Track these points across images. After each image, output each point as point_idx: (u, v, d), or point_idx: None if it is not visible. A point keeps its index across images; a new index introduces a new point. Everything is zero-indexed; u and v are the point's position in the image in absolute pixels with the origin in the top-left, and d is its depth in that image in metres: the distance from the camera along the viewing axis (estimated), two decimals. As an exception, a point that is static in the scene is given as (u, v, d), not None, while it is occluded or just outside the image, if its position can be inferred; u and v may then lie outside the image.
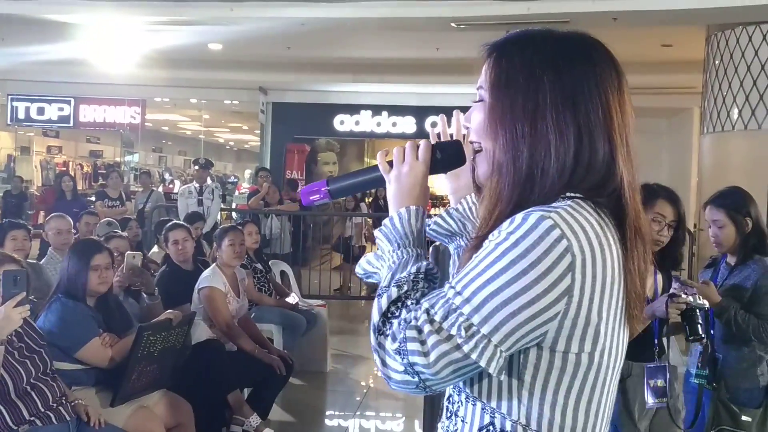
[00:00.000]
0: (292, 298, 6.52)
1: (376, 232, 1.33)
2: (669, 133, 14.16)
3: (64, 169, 17.52)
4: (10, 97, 14.12)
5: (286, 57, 11.74)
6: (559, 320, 1.14)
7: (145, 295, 4.35)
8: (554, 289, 1.12)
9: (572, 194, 1.22)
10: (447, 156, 1.37)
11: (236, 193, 17.78)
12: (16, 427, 3.00)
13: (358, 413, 5.80)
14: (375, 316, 1.20)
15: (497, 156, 1.26)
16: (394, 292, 1.21)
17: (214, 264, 5.03)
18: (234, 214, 12.31)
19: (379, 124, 14.15)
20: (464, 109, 1.40)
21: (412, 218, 1.30)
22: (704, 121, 7.96)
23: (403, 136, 14.43)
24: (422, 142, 1.35)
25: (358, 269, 1.44)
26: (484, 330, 1.12)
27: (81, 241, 4.21)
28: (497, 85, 1.27)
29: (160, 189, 11.77)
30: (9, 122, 14.33)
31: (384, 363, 1.17)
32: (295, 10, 8.11)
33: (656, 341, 3.12)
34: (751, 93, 7.19)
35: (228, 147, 29.59)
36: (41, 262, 5.28)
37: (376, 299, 1.22)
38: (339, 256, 12.84)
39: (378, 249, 1.34)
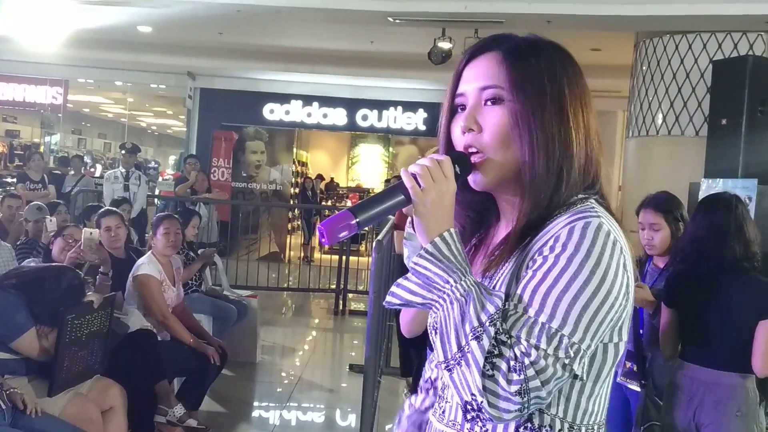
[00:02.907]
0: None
1: (418, 260, 1.23)
2: (592, 135, 14.54)
3: (-22, 148, 16.85)
4: None
5: (217, 43, 11.57)
6: (621, 315, 1.23)
7: (99, 274, 4.29)
8: (623, 289, 1.20)
9: (583, 195, 1.29)
10: (463, 170, 1.31)
11: (159, 179, 17.40)
12: (-50, 416, 2.91)
13: (287, 405, 5.80)
14: (479, 358, 1.14)
15: (528, 158, 1.27)
16: (492, 331, 1.15)
17: (150, 252, 4.94)
18: (157, 201, 12.06)
19: (309, 115, 14.06)
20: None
21: (458, 242, 1.24)
22: (630, 124, 8.22)
23: (334, 128, 14.42)
24: (443, 158, 1.28)
25: (390, 298, 1.27)
26: (584, 346, 1.16)
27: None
28: (522, 86, 1.28)
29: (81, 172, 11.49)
30: None
31: (493, 405, 1.14)
32: (231, -4, 8.02)
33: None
34: (676, 100, 7.47)
35: (150, 131, 28.91)
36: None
37: (474, 342, 1.15)
38: (266, 246, 12.77)
39: (415, 275, 1.24)
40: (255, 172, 14.46)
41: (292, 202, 14.63)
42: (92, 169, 17.37)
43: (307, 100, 13.97)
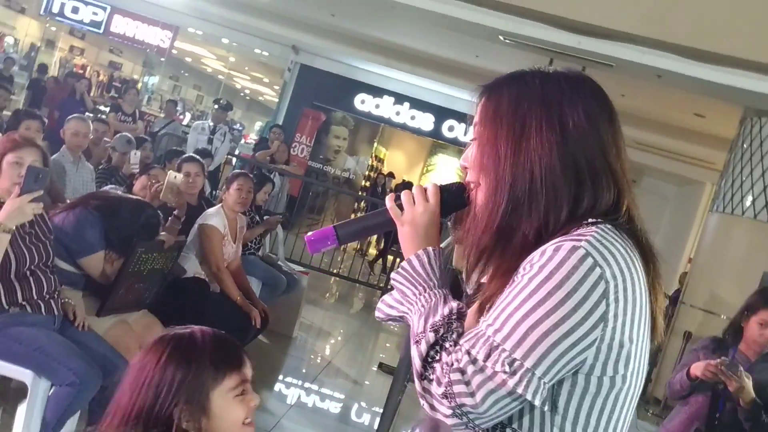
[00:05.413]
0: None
1: (395, 275, 1.32)
2: (675, 201, 14.24)
3: (82, 72, 17.32)
4: (49, -12, 13.91)
5: (327, 23, 11.73)
6: (596, 346, 1.16)
7: (172, 216, 4.42)
8: (591, 317, 1.14)
9: (594, 220, 1.24)
10: (452, 197, 1.38)
11: (242, 141, 17.72)
12: (7, 307, 3.04)
13: (310, 386, 5.84)
14: (417, 363, 1.20)
15: (487, 187, 1.30)
16: (431, 336, 1.21)
17: (220, 205, 5.06)
18: (235, 160, 12.30)
19: (398, 113, 14.14)
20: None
21: (432, 260, 1.30)
22: (717, 198, 8.02)
23: (419, 132, 14.46)
24: (429, 186, 1.37)
25: (377, 313, 1.39)
26: (528, 363, 1.13)
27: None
28: (486, 118, 1.32)
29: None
30: (42, 12, 14.12)
31: (432, 407, 1.19)
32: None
33: None
34: (770, 185, 7.27)
35: (242, 94, 29.41)
36: (52, 158, 5.30)
37: (414, 346, 1.22)
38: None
39: (397, 291, 1.33)
40: (333, 156, 14.61)
41: (360, 194, 14.74)
42: (181, 116, 17.79)
43: (399, 98, 14.05)
